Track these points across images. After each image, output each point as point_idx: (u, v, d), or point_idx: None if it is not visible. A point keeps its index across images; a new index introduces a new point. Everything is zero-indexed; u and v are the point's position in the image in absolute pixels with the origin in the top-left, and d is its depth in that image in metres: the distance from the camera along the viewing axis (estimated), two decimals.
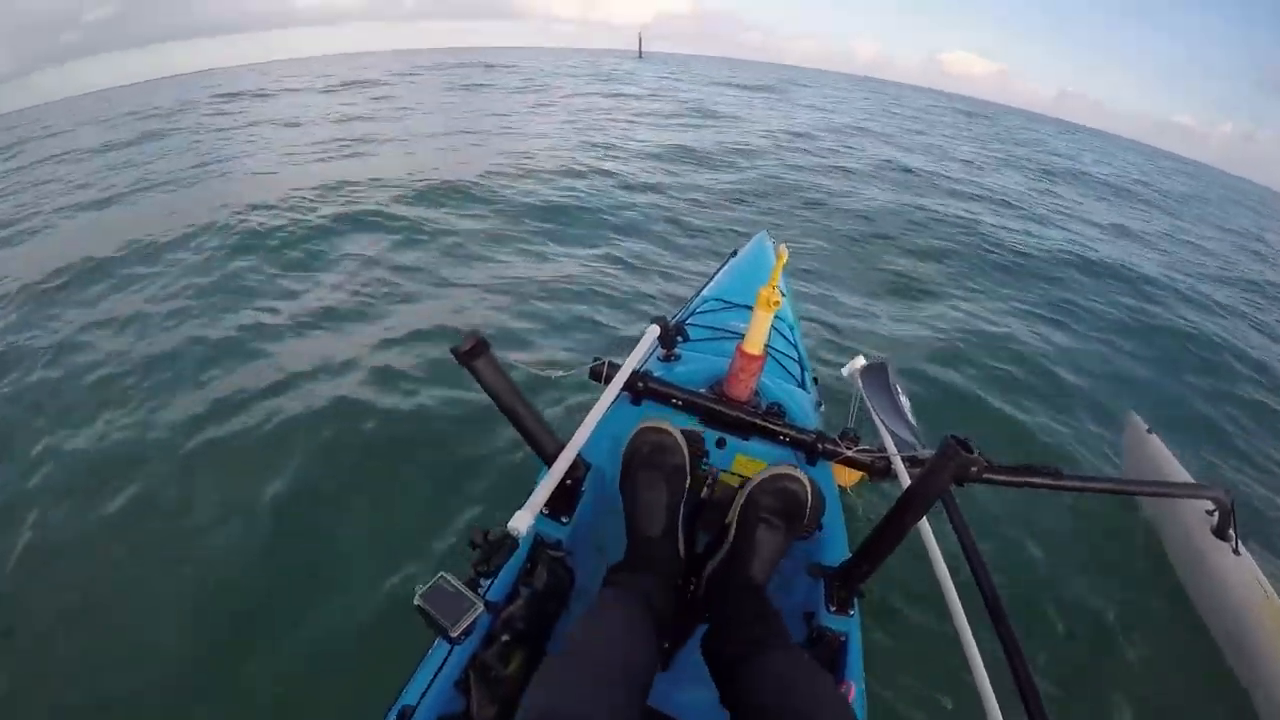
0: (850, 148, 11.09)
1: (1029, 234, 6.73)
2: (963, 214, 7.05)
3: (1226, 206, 15.53)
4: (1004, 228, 6.76)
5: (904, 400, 1.25)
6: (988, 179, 10.15)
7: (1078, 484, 1.02)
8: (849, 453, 1.14)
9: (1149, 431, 2.52)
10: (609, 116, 11.96)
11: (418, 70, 23.84)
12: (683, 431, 1.10)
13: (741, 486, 1.05)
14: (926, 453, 1.02)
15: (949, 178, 9.47)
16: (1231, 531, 1.80)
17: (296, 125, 11.02)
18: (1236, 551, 1.80)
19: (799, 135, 11.71)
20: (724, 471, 1.24)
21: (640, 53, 50.54)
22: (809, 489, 0.99)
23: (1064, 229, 7.44)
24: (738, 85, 22.94)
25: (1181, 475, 2.16)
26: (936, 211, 6.96)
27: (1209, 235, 9.87)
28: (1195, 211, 12.63)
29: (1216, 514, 1.84)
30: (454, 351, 0.96)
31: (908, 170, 9.52)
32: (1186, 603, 1.91)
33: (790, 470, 1.00)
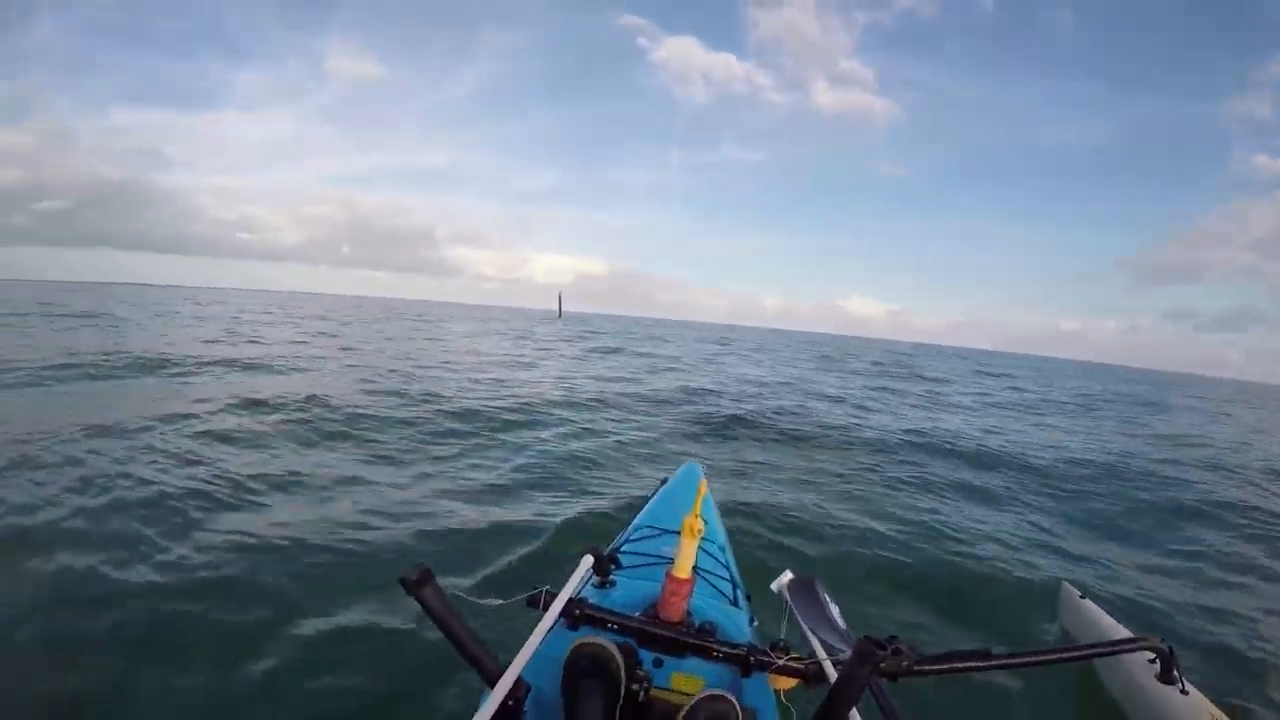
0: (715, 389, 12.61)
1: (884, 427, 8.30)
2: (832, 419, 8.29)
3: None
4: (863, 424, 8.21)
5: (833, 609, 1.32)
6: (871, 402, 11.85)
7: (1013, 660, 1.07)
8: (781, 662, 1.18)
9: (1082, 597, 2.69)
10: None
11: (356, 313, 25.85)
12: (618, 645, 1.14)
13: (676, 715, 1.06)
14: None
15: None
16: (1175, 673, 1.87)
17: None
18: (1184, 691, 1.86)
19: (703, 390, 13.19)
20: (661, 689, 1.25)
21: (560, 312, 54.35)
22: (738, 712, 1.01)
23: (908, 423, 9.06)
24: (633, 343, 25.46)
25: (1121, 632, 2.24)
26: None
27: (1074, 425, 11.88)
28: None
29: (1158, 661, 1.91)
30: (402, 580, 1.02)
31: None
32: None
33: (720, 694, 1.03)
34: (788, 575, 1.48)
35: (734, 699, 1.02)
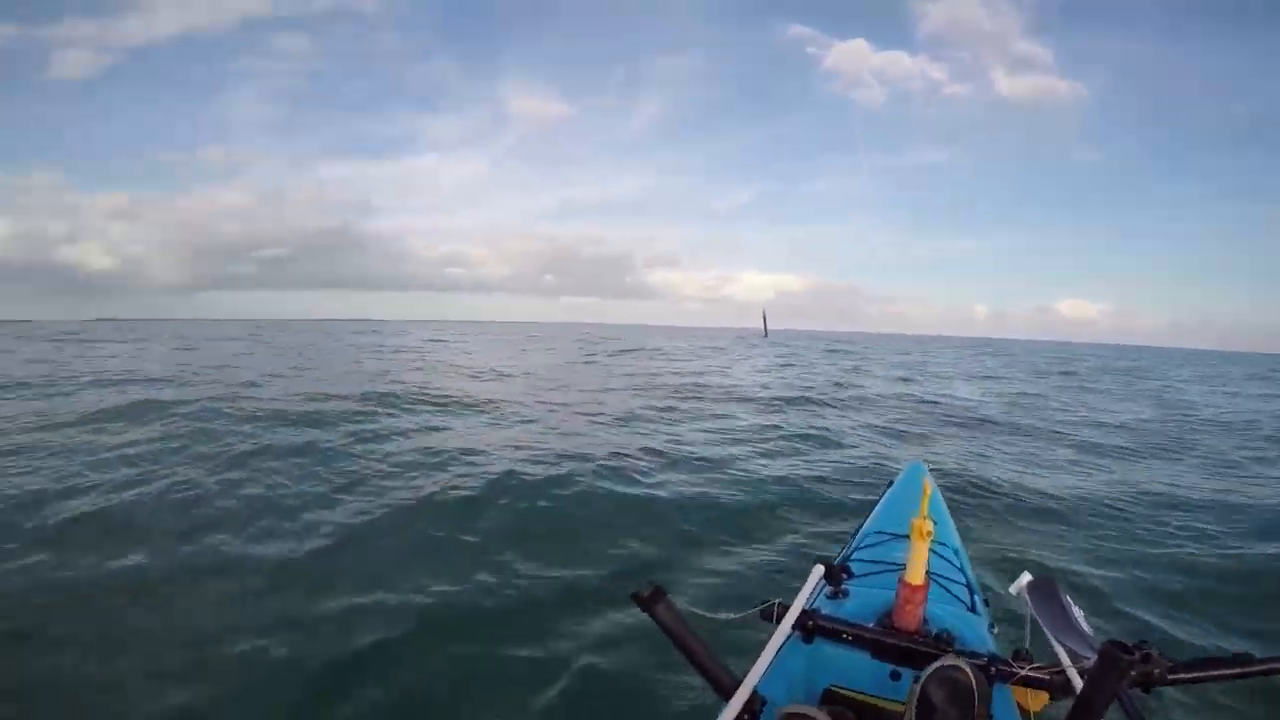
0: None
1: None
2: None
3: None
4: None
5: (1076, 612, 1.22)
6: None
7: (1276, 667, 0.93)
8: (1024, 672, 1.11)
9: None
10: None
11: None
12: (828, 711, 1.09)
13: (911, 690, 1.05)
14: None
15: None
16: None
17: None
18: None
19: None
20: (897, 702, 1.22)
21: (765, 331, 51.58)
22: (973, 678, 0.97)
23: None
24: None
25: None
26: None
27: None
28: None
29: None
30: (634, 597, 1.10)
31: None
32: None
33: (956, 662, 1.00)
34: (1026, 577, 1.36)
35: (969, 669, 0.98)
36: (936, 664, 1.03)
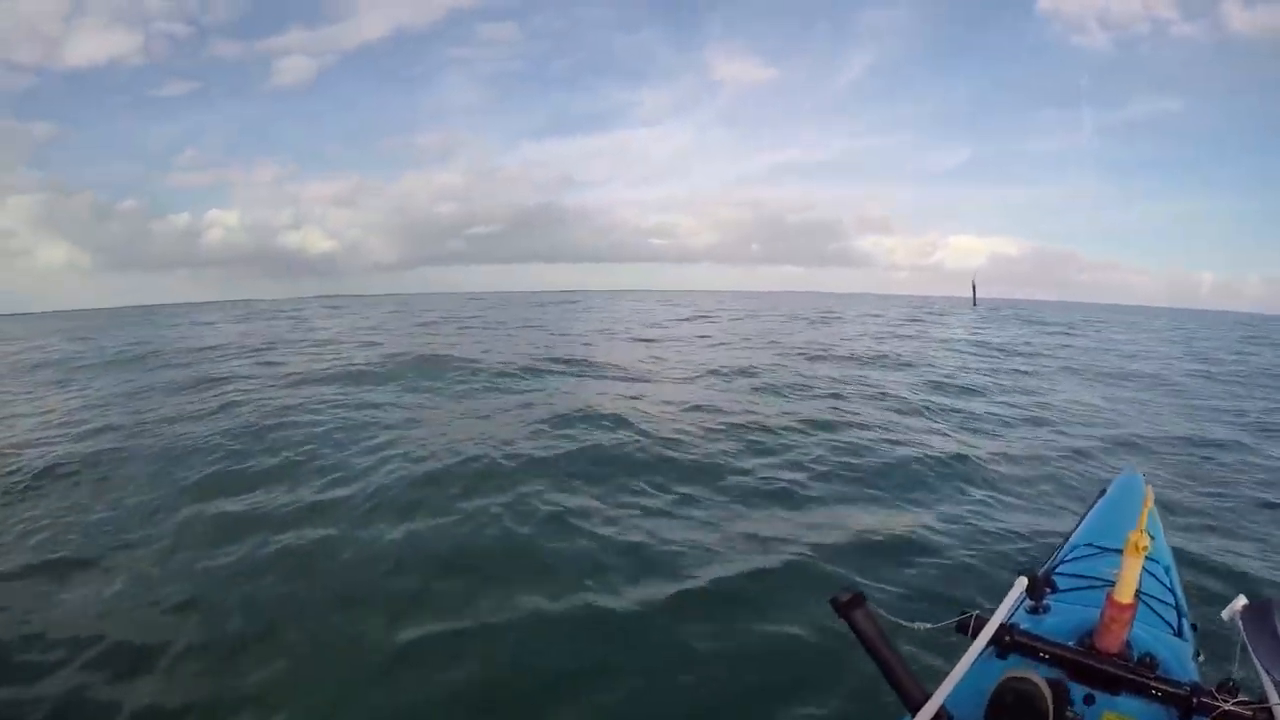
0: None
1: None
2: None
3: None
4: None
5: None
6: None
7: None
8: (1226, 706, 1.06)
9: None
10: None
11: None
12: (1048, 682, 1.11)
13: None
14: None
15: None
16: None
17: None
18: None
19: None
20: None
21: (975, 300, 46.94)
22: (1044, 694, 0.99)
23: None
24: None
25: None
26: None
27: None
28: None
29: None
30: (833, 602, 1.13)
31: None
32: None
33: (1023, 673, 1.03)
34: (1241, 600, 1.32)
35: (1042, 683, 0.99)
36: (1006, 674, 1.04)
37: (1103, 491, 2.56)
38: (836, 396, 8.56)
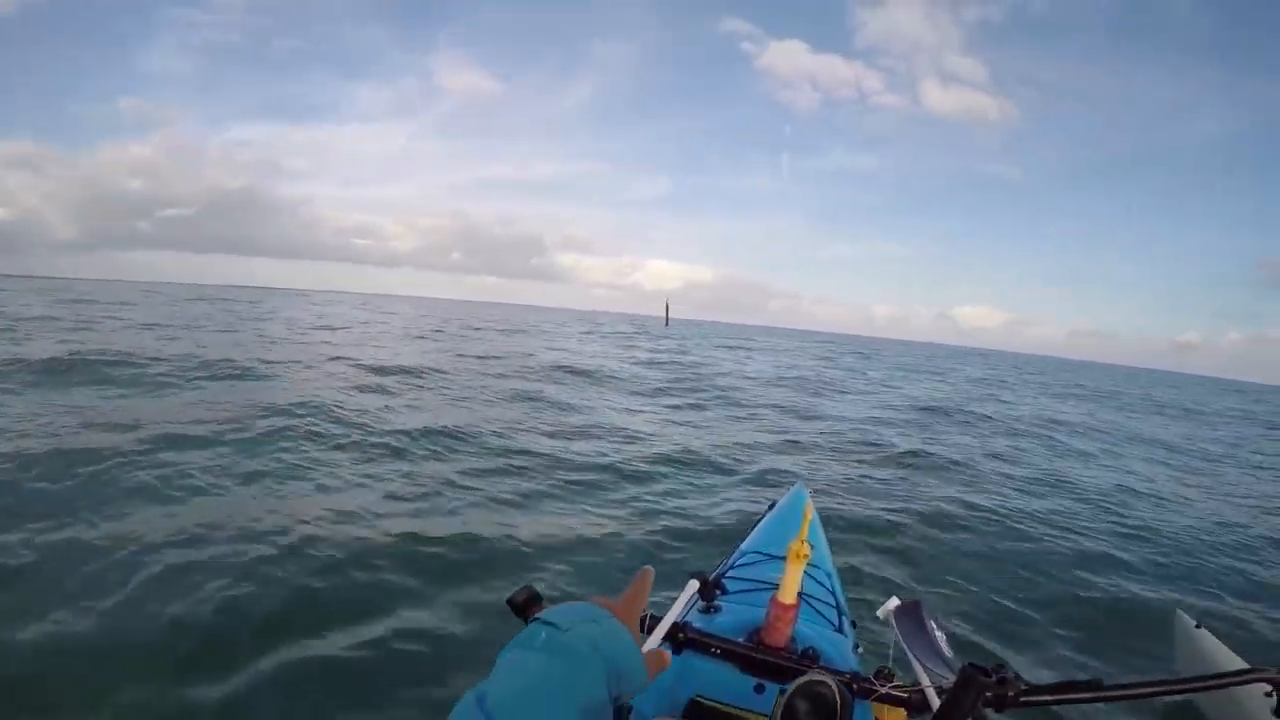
0: None
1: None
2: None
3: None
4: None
5: (939, 635, 1.27)
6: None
7: (1123, 693, 0.99)
8: (883, 689, 1.15)
9: (1197, 627, 2.50)
10: None
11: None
12: (837, 687, 1.09)
13: (776, 701, 1.06)
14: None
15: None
16: None
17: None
18: None
19: None
20: (764, 714, 1.23)
21: (667, 320, 52.21)
22: (836, 692, 1.00)
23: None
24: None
25: (1238, 663, 2.01)
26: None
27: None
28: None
29: (1275, 694, 1.64)
30: (509, 601, 1.06)
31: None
32: None
33: (822, 677, 1.01)
34: (894, 601, 1.42)
35: (834, 684, 1.01)
36: (803, 678, 1.05)
37: (773, 504, 2.78)
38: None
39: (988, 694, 0.87)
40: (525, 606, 1.05)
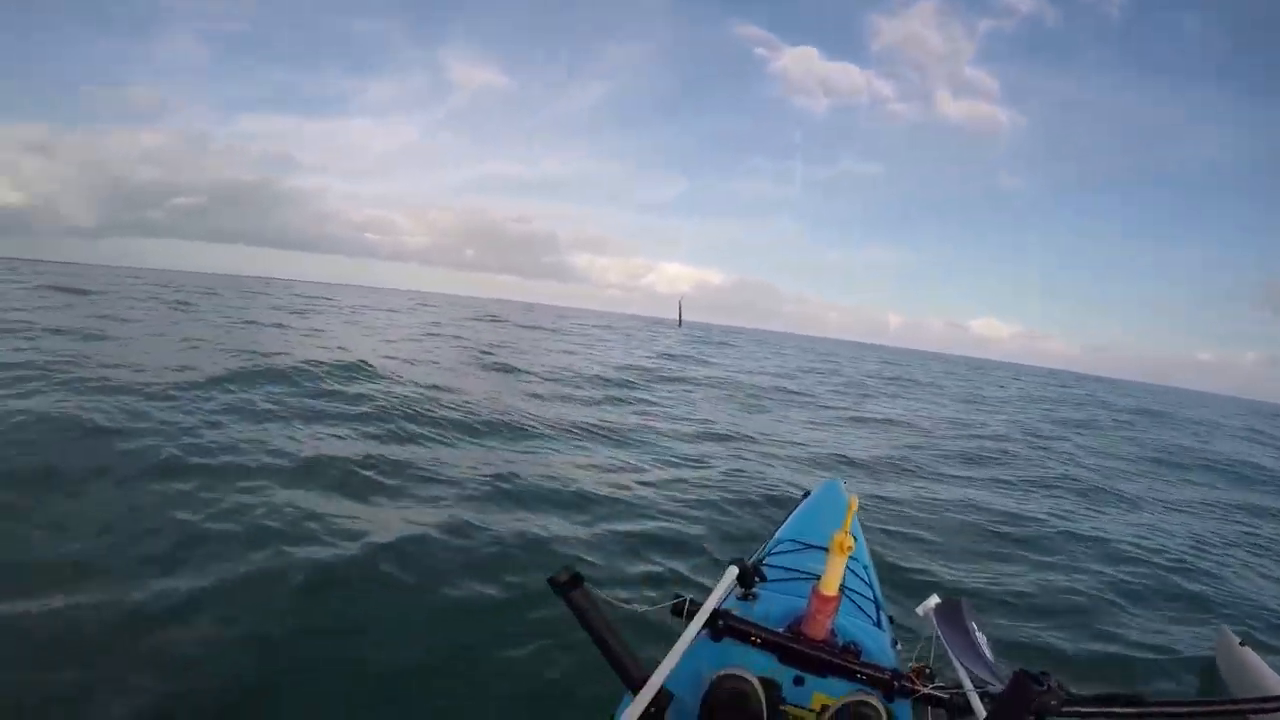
0: None
1: None
2: None
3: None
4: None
5: (980, 637, 1.26)
6: None
7: (1165, 709, 0.98)
8: (925, 690, 1.14)
9: (1241, 644, 2.44)
10: None
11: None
12: (760, 679, 1.15)
13: (819, 713, 1.07)
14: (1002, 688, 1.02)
15: None
16: None
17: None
18: None
19: None
20: (801, 707, 1.24)
21: (680, 321, 51.97)
22: (884, 715, 1.00)
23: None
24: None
25: None
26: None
27: None
28: None
29: None
30: (551, 581, 1.08)
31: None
32: None
33: (866, 698, 1.03)
34: (934, 599, 1.42)
35: (882, 706, 1.01)
36: (848, 696, 1.06)
37: (806, 494, 2.81)
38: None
39: (1033, 703, 0.87)
40: (568, 585, 1.09)
